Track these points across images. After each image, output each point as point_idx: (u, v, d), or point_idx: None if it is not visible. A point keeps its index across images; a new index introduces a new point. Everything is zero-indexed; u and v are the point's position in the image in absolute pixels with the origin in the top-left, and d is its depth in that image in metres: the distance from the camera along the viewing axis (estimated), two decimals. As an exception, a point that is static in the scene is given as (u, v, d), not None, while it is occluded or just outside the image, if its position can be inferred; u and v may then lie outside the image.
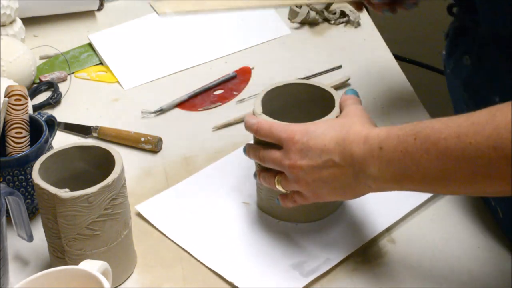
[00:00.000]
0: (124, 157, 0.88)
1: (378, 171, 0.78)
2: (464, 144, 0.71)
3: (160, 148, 1.10)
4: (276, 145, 0.86)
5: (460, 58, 0.97)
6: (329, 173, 0.81)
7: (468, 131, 0.71)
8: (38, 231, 0.92)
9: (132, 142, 1.10)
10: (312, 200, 0.86)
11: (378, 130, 0.79)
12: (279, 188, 0.87)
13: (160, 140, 1.10)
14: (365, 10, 1.40)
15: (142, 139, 1.09)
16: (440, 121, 0.74)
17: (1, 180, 0.93)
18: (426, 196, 0.96)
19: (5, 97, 0.95)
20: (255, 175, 0.92)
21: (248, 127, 0.89)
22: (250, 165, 0.98)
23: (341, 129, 0.82)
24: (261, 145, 0.88)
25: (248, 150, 0.91)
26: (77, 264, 0.79)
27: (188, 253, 0.92)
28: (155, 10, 0.95)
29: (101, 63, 1.30)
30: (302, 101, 0.96)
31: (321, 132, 0.82)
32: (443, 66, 1.03)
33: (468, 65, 0.95)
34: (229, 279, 0.88)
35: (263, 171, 0.89)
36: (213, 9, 0.98)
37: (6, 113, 0.95)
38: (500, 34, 0.89)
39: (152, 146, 1.09)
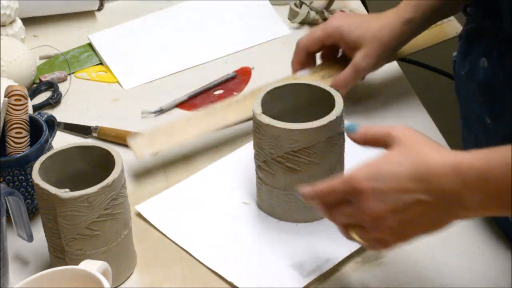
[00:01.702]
0: (124, 157, 0.88)
1: (480, 202, 0.72)
2: None
3: (160, 148, 1.10)
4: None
5: (476, 60, 0.92)
6: (415, 212, 0.74)
7: None
8: (38, 231, 0.92)
9: (132, 142, 1.10)
10: (394, 244, 0.78)
11: (470, 158, 0.73)
12: (357, 238, 0.79)
13: (160, 140, 1.09)
14: (364, 9, 1.40)
15: (142, 139, 1.09)
16: None
17: (1, 180, 0.93)
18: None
19: (5, 97, 0.95)
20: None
21: (310, 200, 0.80)
22: (250, 165, 0.98)
23: (413, 163, 0.74)
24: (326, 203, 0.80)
25: (316, 208, 0.81)
26: (77, 264, 0.79)
27: (188, 253, 0.92)
28: (134, 154, 0.98)
29: (101, 63, 1.30)
30: (302, 101, 0.96)
31: (389, 172, 0.74)
32: (453, 68, 0.99)
33: (485, 68, 0.91)
34: (229, 279, 0.88)
35: (333, 218, 0.80)
36: (188, 137, 1.02)
37: (6, 113, 0.95)
38: None
39: (152, 146, 1.09)
